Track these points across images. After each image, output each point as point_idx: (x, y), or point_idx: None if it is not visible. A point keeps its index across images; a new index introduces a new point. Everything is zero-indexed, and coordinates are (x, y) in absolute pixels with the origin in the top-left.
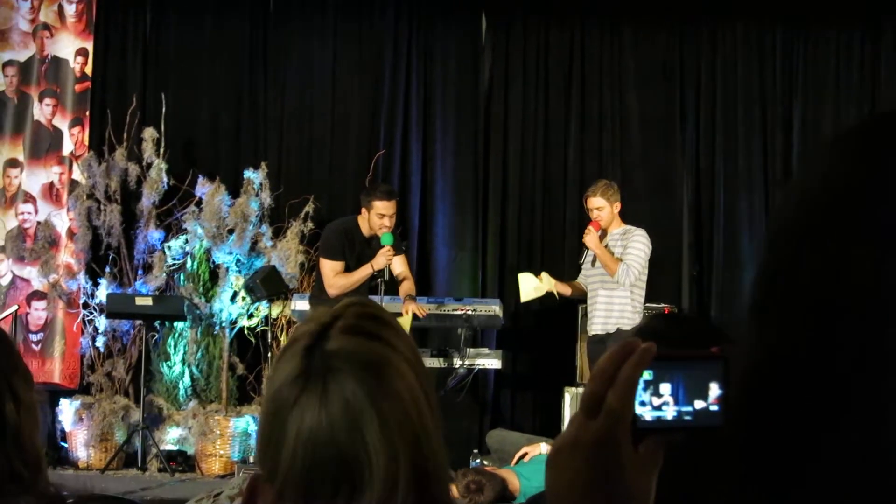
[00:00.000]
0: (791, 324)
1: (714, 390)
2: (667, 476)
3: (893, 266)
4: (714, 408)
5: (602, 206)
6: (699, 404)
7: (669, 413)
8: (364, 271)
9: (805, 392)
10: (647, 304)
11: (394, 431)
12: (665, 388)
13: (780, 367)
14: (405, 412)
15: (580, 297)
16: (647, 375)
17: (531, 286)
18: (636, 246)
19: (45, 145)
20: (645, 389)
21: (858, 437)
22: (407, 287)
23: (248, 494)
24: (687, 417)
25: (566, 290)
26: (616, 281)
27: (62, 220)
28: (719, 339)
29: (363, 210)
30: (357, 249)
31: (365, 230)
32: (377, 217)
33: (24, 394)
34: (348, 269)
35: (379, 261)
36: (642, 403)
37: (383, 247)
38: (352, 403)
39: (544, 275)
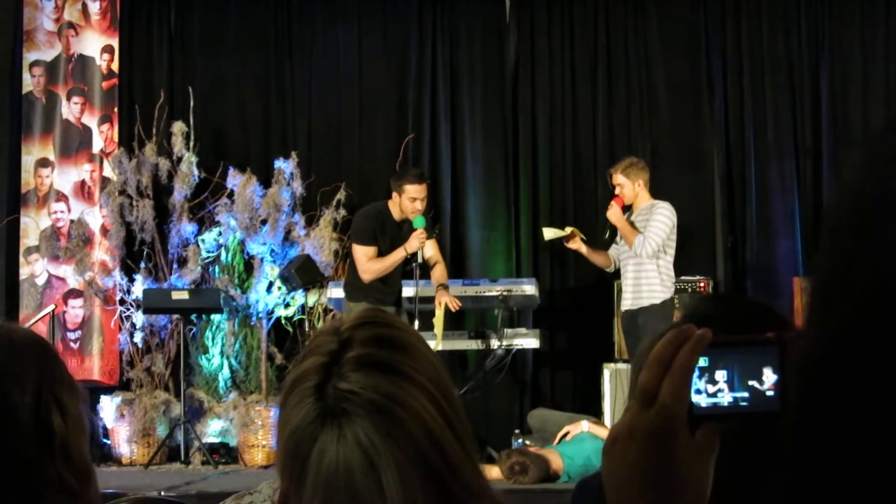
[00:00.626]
0: (851, 321)
1: (769, 376)
2: (724, 462)
3: None
4: (770, 393)
5: (622, 182)
6: (754, 390)
7: (725, 399)
8: (397, 255)
9: (870, 390)
10: (683, 277)
11: (411, 473)
12: (720, 374)
13: (844, 364)
14: (423, 452)
15: (605, 269)
16: (702, 362)
17: (554, 233)
18: (657, 218)
19: (75, 144)
20: (700, 376)
21: None
22: (439, 273)
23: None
24: (742, 403)
25: (593, 254)
26: (634, 252)
27: (95, 218)
28: (770, 318)
29: (394, 195)
30: (389, 234)
31: (396, 214)
32: (409, 201)
33: (71, 404)
34: (381, 254)
35: (412, 243)
36: (697, 391)
37: (416, 230)
38: (368, 449)
39: (570, 228)
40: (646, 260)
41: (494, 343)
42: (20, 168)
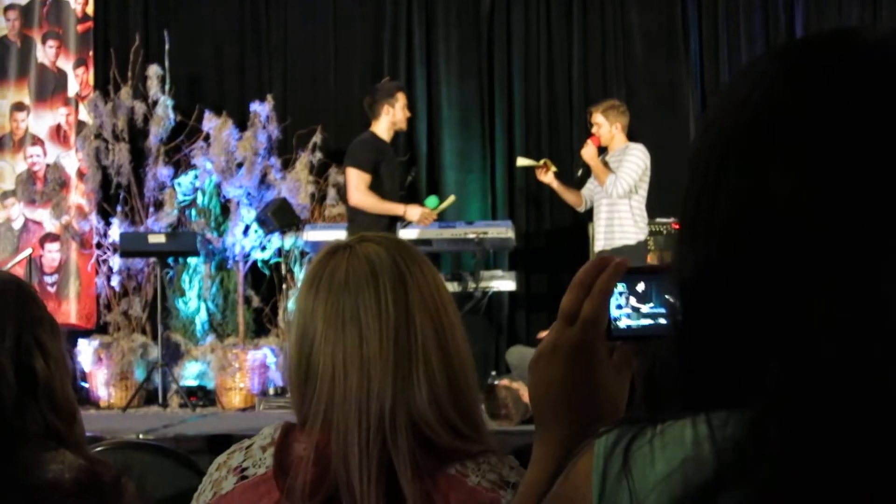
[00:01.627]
0: (717, 241)
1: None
2: (637, 380)
3: (809, 184)
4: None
5: (601, 123)
6: (667, 314)
7: (640, 322)
8: (395, 209)
9: (735, 299)
10: (657, 219)
11: (405, 313)
12: (635, 298)
13: (708, 280)
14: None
15: (576, 207)
16: (620, 287)
17: (527, 162)
18: (630, 159)
19: (50, 87)
20: (618, 299)
21: (792, 337)
22: None
23: (281, 440)
24: (655, 326)
25: (565, 192)
26: (606, 192)
27: (71, 162)
28: None
29: (384, 111)
30: (390, 161)
31: (387, 135)
32: (403, 110)
33: (52, 346)
34: (381, 185)
35: (414, 214)
36: (616, 317)
37: (425, 207)
38: (374, 262)
39: (544, 160)
40: (618, 200)
41: (471, 285)
42: None
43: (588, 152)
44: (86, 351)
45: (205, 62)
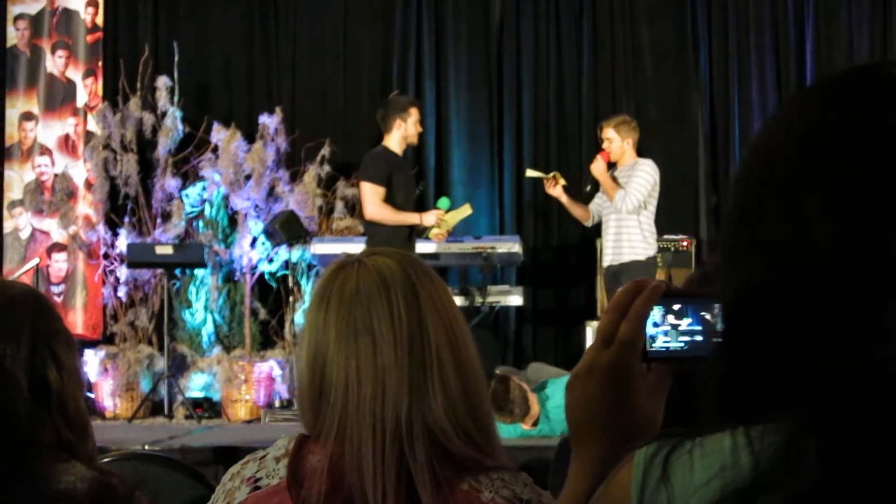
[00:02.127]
0: (758, 259)
1: (718, 325)
2: (673, 400)
3: (842, 210)
4: (717, 339)
5: (612, 137)
6: (708, 336)
7: (676, 344)
8: (411, 218)
9: (775, 316)
10: (665, 236)
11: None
12: (671, 320)
13: (749, 298)
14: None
15: (583, 222)
16: (657, 310)
17: (536, 173)
18: (639, 174)
19: (59, 97)
20: (655, 321)
21: (834, 351)
22: None
23: (296, 452)
24: (696, 347)
25: (572, 206)
26: (615, 207)
27: (79, 172)
28: None
29: (395, 125)
30: (404, 175)
31: (399, 149)
32: (415, 125)
33: (67, 358)
34: (395, 195)
35: (429, 218)
36: (652, 336)
37: (438, 209)
38: (384, 273)
39: (553, 172)
40: (627, 216)
41: (478, 300)
42: (4, 121)
43: (597, 167)
44: (92, 361)
45: (214, 74)
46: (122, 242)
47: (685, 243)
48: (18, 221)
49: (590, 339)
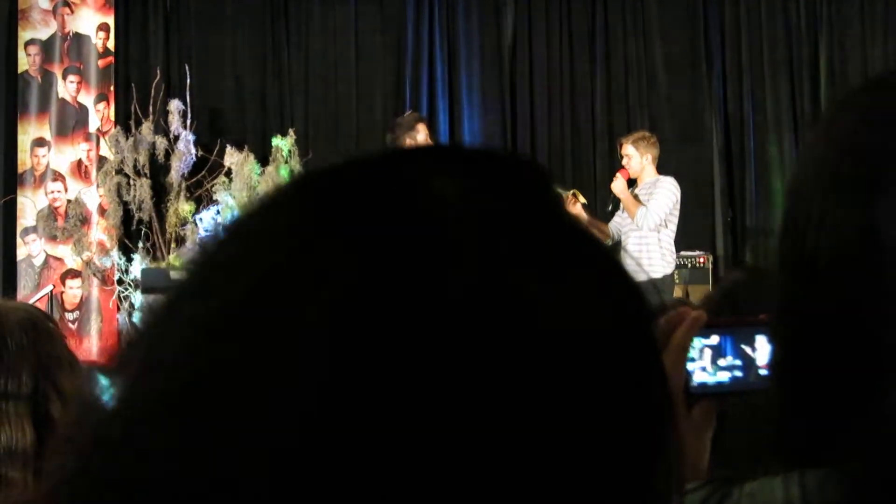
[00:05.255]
0: (820, 281)
1: (763, 355)
2: (722, 438)
3: None
4: (763, 372)
5: (631, 154)
6: (749, 368)
7: (721, 377)
8: None
9: (836, 347)
10: (682, 252)
11: None
12: (716, 353)
13: (808, 326)
14: None
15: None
16: (698, 342)
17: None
18: (661, 192)
19: (71, 123)
20: (696, 355)
21: None
22: None
23: None
24: (738, 381)
25: (591, 224)
26: (636, 224)
27: (92, 197)
28: None
29: (403, 143)
30: None
31: None
32: (426, 140)
33: (69, 385)
34: None
35: None
36: (692, 371)
37: None
38: None
39: (573, 190)
40: (648, 233)
41: None
42: (17, 148)
43: (618, 185)
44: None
45: (226, 96)
46: (137, 268)
47: (702, 259)
48: (31, 248)
49: None
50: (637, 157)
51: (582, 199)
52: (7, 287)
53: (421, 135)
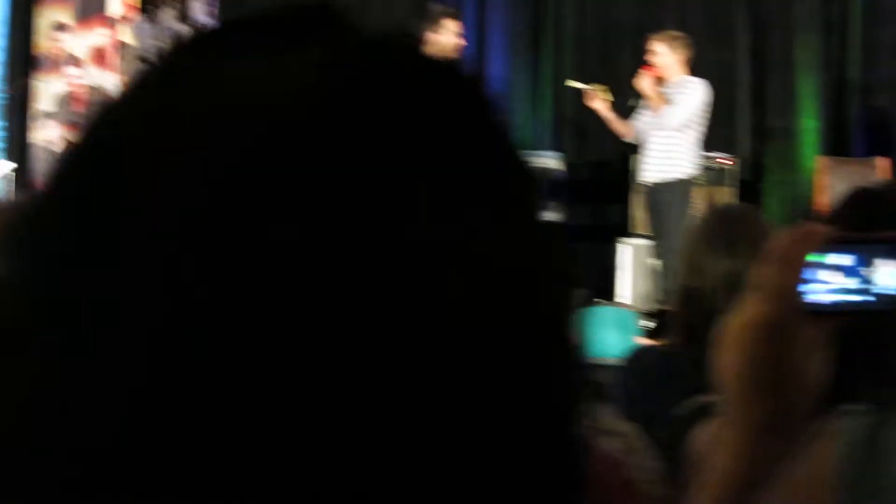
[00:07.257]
0: None
1: (885, 274)
2: (845, 358)
3: None
4: (892, 291)
5: (662, 51)
6: (876, 287)
7: (844, 296)
8: None
9: None
10: (704, 153)
11: None
12: (840, 271)
13: None
14: None
15: (623, 138)
16: (822, 258)
17: (578, 84)
18: (689, 92)
19: (92, 7)
20: (819, 271)
21: None
22: None
23: None
24: (863, 300)
25: (613, 121)
26: (660, 122)
27: (114, 84)
28: None
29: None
30: None
31: None
32: (451, 37)
33: None
34: None
35: None
36: (809, 290)
37: None
38: None
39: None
40: (674, 133)
41: None
42: (30, 31)
43: (643, 81)
44: None
45: None
46: None
47: (730, 162)
48: (49, 133)
49: (623, 256)
50: (669, 55)
51: (607, 96)
52: (18, 170)
53: (447, 29)
